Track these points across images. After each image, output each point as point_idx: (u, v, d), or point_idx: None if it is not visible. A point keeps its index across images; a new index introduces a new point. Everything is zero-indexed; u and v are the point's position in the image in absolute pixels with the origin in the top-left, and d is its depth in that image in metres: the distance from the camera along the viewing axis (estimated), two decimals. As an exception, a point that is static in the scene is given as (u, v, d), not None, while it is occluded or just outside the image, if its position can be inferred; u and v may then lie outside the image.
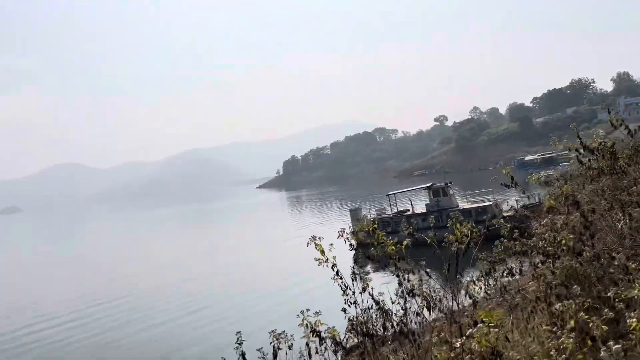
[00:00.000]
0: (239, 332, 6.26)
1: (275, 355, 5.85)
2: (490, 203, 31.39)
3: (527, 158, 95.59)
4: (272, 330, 5.96)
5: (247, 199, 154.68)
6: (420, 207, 35.92)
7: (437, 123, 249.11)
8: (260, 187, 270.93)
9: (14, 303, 33.35)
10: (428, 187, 32.99)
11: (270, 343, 5.86)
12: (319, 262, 5.91)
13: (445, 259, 6.15)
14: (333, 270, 5.97)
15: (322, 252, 5.94)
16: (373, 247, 6.13)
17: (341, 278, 6.04)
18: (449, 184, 32.75)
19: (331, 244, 6.07)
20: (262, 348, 6.00)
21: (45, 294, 35.34)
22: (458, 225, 6.06)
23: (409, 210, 34.95)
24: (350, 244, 6.74)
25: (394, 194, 35.77)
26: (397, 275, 6.10)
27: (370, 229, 5.80)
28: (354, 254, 34.27)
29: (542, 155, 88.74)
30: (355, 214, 36.63)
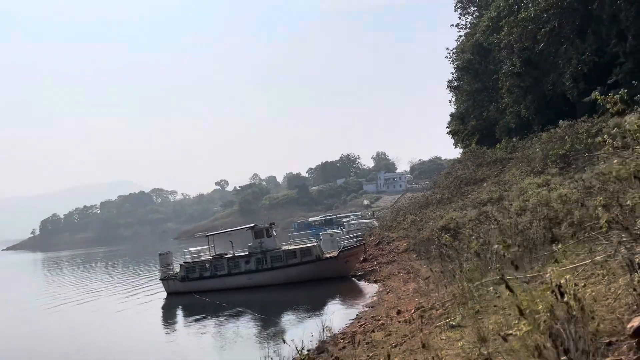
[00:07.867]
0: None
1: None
2: (314, 244, 31.14)
3: (311, 219, 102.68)
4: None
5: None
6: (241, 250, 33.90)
7: (218, 187, 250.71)
8: (8, 248, 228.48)
9: None
10: (250, 228, 31.31)
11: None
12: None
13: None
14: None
15: None
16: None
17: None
18: (272, 225, 31.65)
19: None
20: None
21: None
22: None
23: (227, 253, 32.55)
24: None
25: (213, 234, 32.88)
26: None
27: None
28: (164, 302, 29.95)
29: (323, 217, 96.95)
30: (165, 259, 32.73)
